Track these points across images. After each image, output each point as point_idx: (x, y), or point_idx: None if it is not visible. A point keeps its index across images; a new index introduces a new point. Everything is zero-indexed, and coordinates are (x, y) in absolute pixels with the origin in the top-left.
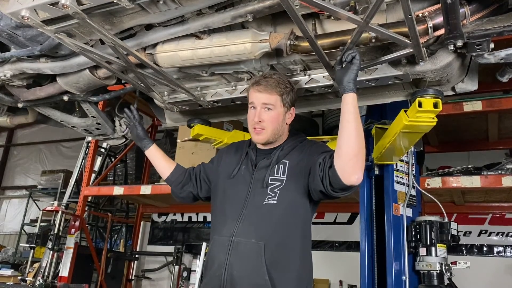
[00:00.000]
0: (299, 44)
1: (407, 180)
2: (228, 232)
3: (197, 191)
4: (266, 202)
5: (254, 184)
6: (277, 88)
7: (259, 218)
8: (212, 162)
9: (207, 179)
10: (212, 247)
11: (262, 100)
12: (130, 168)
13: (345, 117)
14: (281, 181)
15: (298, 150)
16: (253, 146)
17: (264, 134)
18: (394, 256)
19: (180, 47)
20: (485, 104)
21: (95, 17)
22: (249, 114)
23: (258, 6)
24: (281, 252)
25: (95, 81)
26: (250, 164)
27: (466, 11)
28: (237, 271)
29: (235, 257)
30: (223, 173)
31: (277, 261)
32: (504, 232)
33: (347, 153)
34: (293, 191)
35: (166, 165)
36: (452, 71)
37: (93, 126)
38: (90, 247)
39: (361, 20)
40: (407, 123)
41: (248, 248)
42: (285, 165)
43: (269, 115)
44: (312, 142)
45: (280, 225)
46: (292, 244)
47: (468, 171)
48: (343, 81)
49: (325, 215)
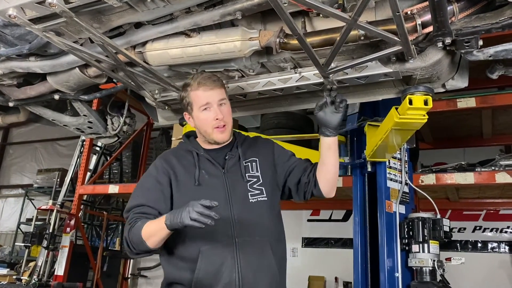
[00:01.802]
0: (289, 42)
1: (400, 177)
2: (226, 235)
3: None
4: (255, 199)
5: (230, 184)
6: (220, 82)
7: (255, 216)
8: (160, 183)
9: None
10: (207, 257)
11: (218, 97)
12: (126, 166)
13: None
14: (257, 177)
15: (259, 147)
16: (200, 149)
17: (227, 131)
18: (387, 253)
19: (169, 45)
20: (479, 100)
21: (83, 16)
22: (205, 117)
23: (246, 4)
24: (279, 245)
25: (86, 80)
26: (212, 166)
27: (454, 8)
28: (252, 271)
29: (245, 258)
30: (183, 185)
31: (278, 254)
32: (498, 228)
33: (333, 180)
34: (272, 187)
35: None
36: (442, 68)
37: (85, 125)
38: (85, 246)
39: (349, 17)
40: (398, 120)
41: (256, 246)
42: (256, 163)
43: (226, 109)
44: (265, 140)
45: (274, 220)
46: (283, 234)
47: (462, 168)
48: (332, 126)
49: (321, 212)
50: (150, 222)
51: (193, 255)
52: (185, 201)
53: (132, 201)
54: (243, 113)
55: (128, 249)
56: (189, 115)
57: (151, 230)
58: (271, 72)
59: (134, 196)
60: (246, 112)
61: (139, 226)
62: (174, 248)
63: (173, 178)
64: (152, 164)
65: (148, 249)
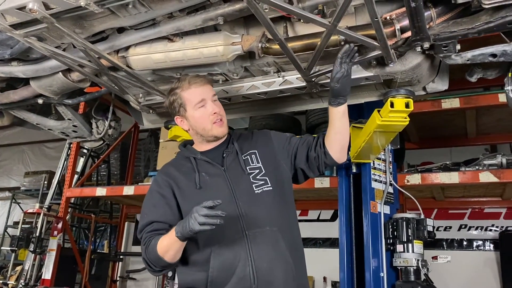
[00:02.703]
0: (271, 47)
1: (384, 178)
2: (235, 230)
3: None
4: (260, 190)
5: (232, 179)
6: (208, 79)
7: (261, 206)
8: (164, 196)
9: (178, 212)
10: (220, 255)
11: (211, 92)
12: (115, 168)
13: (347, 120)
14: (259, 168)
15: (255, 139)
16: (197, 153)
17: (225, 125)
18: (372, 253)
19: (152, 49)
20: (463, 101)
21: (64, 21)
22: (201, 114)
23: (228, 10)
24: (291, 234)
25: (69, 84)
26: (212, 166)
27: (432, 13)
28: (266, 262)
29: (257, 250)
30: (186, 191)
31: (291, 243)
32: (483, 226)
33: (347, 144)
34: (276, 176)
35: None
36: (421, 71)
37: (69, 129)
38: (73, 249)
39: (329, 23)
40: (380, 123)
41: (267, 236)
42: (255, 154)
43: (219, 104)
44: (261, 131)
45: (282, 208)
46: (295, 224)
47: (447, 168)
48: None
49: (309, 213)
50: (163, 238)
51: (206, 257)
52: (190, 207)
53: (142, 221)
54: (228, 117)
55: (149, 269)
56: (181, 117)
57: (165, 246)
58: (254, 76)
59: (143, 215)
60: (231, 115)
61: (153, 244)
62: (188, 257)
63: (175, 188)
64: (153, 180)
65: (167, 264)
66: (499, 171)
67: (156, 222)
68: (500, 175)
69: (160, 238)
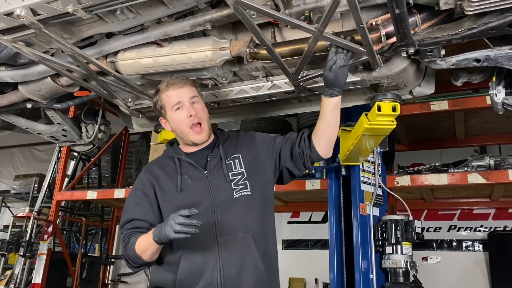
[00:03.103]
0: (259, 52)
1: (373, 180)
2: (208, 236)
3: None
4: (238, 194)
5: (213, 185)
6: (190, 81)
7: (238, 212)
8: (146, 195)
9: (158, 212)
10: (190, 259)
11: (189, 95)
12: (106, 171)
13: (339, 113)
14: (242, 173)
15: (240, 142)
16: (182, 154)
17: (204, 131)
18: (361, 255)
19: (141, 54)
20: (451, 103)
21: (52, 27)
22: (178, 116)
23: (216, 15)
24: (266, 239)
25: (58, 89)
26: (195, 169)
27: (417, 19)
28: (234, 269)
29: (227, 257)
30: (167, 192)
31: (264, 250)
32: (472, 227)
33: (335, 138)
34: (259, 179)
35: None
36: (408, 76)
37: (59, 133)
38: (64, 253)
39: (315, 29)
40: (368, 126)
41: (238, 243)
42: (239, 159)
43: (200, 106)
44: (247, 133)
45: (259, 213)
46: (271, 229)
47: (436, 169)
48: (341, 83)
49: (300, 214)
50: (141, 238)
51: (177, 259)
52: (170, 209)
53: (124, 217)
54: (217, 120)
55: (128, 264)
56: (164, 119)
57: (143, 246)
58: (243, 81)
59: (125, 212)
60: (221, 119)
61: (132, 242)
62: (162, 257)
63: (157, 188)
64: (138, 178)
65: (145, 262)
66: (487, 173)
67: (137, 220)
68: (488, 177)
69: (139, 237)
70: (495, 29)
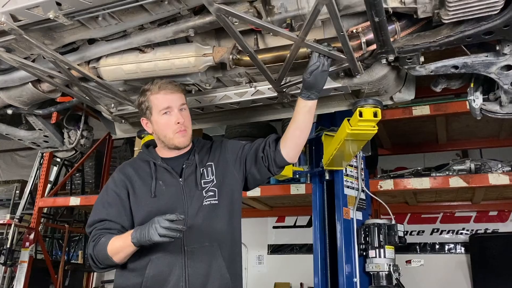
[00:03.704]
0: (242, 58)
1: (356, 185)
2: (176, 245)
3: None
4: (207, 202)
5: (187, 192)
6: (181, 88)
7: (205, 220)
8: (119, 196)
9: (130, 215)
10: (156, 266)
11: (179, 101)
12: (90, 177)
13: (312, 117)
14: (212, 181)
15: (214, 150)
16: (158, 158)
17: (188, 136)
18: (345, 259)
19: (123, 60)
20: (433, 108)
21: (33, 33)
22: (165, 121)
23: (199, 22)
24: (233, 247)
25: (39, 95)
26: (170, 175)
27: (396, 27)
28: (200, 278)
29: (193, 266)
30: (140, 196)
31: (231, 257)
32: (454, 230)
33: (303, 143)
34: (228, 187)
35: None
36: (388, 82)
37: (40, 139)
38: (46, 260)
39: (297, 37)
40: (350, 132)
41: (204, 253)
42: (212, 167)
43: (187, 114)
44: (219, 141)
45: (226, 222)
46: (237, 237)
47: (419, 173)
48: (320, 87)
49: (286, 219)
50: (116, 239)
51: (144, 265)
52: (142, 214)
53: (93, 216)
54: (202, 126)
55: (93, 265)
56: (147, 120)
57: (117, 247)
58: (227, 86)
59: (95, 210)
60: (205, 124)
61: (103, 242)
62: (128, 262)
63: (131, 190)
64: (111, 177)
65: (114, 263)
66: (468, 176)
67: (108, 221)
68: (469, 180)
69: (112, 238)
70: (471, 37)
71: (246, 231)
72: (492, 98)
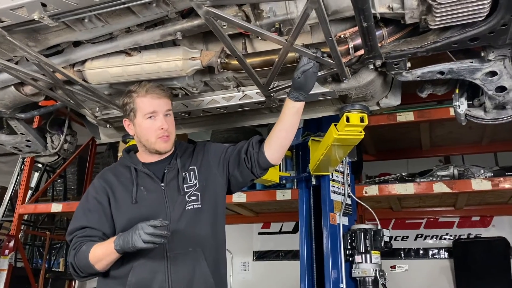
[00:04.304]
0: (230, 62)
1: (342, 190)
2: (158, 251)
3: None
4: (190, 207)
5: (169, 197)
6: (168, 93)
7: (188, 225)
8: (101, 203)
9: (111, 221)
10: (138, 273)
11: (165, 107)
12: (72, 183)
13: (298, 119)
14: (194, 185)
15: (197, 154)
16: (139, 164)
17: (170, 142)
18: (331, 264)
19: (109, 63)
20: (417, 114)
21: (17, 34)
22: (149, 125)
23: (187, 25)
24: (217, 252)
25: (22, 98)
26: (151, 181)
27: (383, 32)
28: (184, 284)
29: (176, 272)
30: (121, 203)
31: (215, 262)
32: (438, 235)
33: (287, 145)
34: (211, 191)
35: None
36: (375, 87)
37: (22, 144)
38: (26, 268)
39: (285, 41)
40: (337, 137)
41: (188, 258)
42: (194, 171)
43: (171, 120)
44: (202, 145)
45: (210, 226)
46: (221, 241)
47: (403, 179)
48: (309, 89)
49: (271, 225)
50: (97, 246)
51: (126, 272)
52: (123, 221)
53: (74, 223)
54: (188, 130)
55: (74, 273)
56: (129, 121)
57: (100, 255)
58: (214, 91)
59: (76, 218)
60: (191, 129)
61: (85, 250)
62: (109, 269)
63: (112, 197)
64: (91, 184)
65: (96, 272)
66: (451, 182)
67: (89, 228)
68: (452, 186)
69: (93, 246)
70: (457, 43)
71: (231, 238)
72: (477, 104)
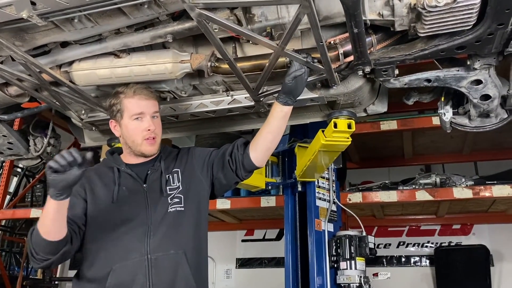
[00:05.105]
0: (220, 66)
1: (328, 196)
2: (139, 253)
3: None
4: (172, 209)
5: (150, 198)
6: (155, 95)
7: (170, 227)
8: (73, 193)
9: (84, 209)
10: (118, 275)
11: (152, 109)
12: None
13: (285, 123)
14: (178, 187)
15: (181, 157)
16: (122, 164)
17: (156, 144)
18: (316, 271)
19: (97, 65)
20: (400, 123)
21: (3, 33)
22: (135, 126)
23: (177, 28)
24: (199, 255)
25: (6, 99)
26: (134, 181)
27: (373, 39)
28: (165, 287)
29: (158, 274)
30: (100, 200)
31: (197, 265)
32: (419, 243)
33: (273, 148)
34: (194, 194)
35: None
36: (363, 94)
37: (4, 146)
38: (3, 275)
39: (277, 45)
40: (324, 143)
41: (170, 260)
42: (178, 173)
43: (158, 122)
44: (187, 148)
45: (192, 229)
46: (204, 245)
47: (386, 187)
48: (298, 93)
49: (255, 232)
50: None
51: (104, 275)
52: (101, 219)
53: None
54: (175, 134)
55: (32, 258)
56: (116, 122)
57: (42, 216)
58: (203, 94)
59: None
60: (179, 133)
61: (36, 226)
62: (86, 272)
63: (89, 191)
64: None
65: (48, 244)
66: (433, 190)
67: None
68: (434, 194)
69: None
70: (444, 51)
71: (214, 245)
72: (462, 112)
